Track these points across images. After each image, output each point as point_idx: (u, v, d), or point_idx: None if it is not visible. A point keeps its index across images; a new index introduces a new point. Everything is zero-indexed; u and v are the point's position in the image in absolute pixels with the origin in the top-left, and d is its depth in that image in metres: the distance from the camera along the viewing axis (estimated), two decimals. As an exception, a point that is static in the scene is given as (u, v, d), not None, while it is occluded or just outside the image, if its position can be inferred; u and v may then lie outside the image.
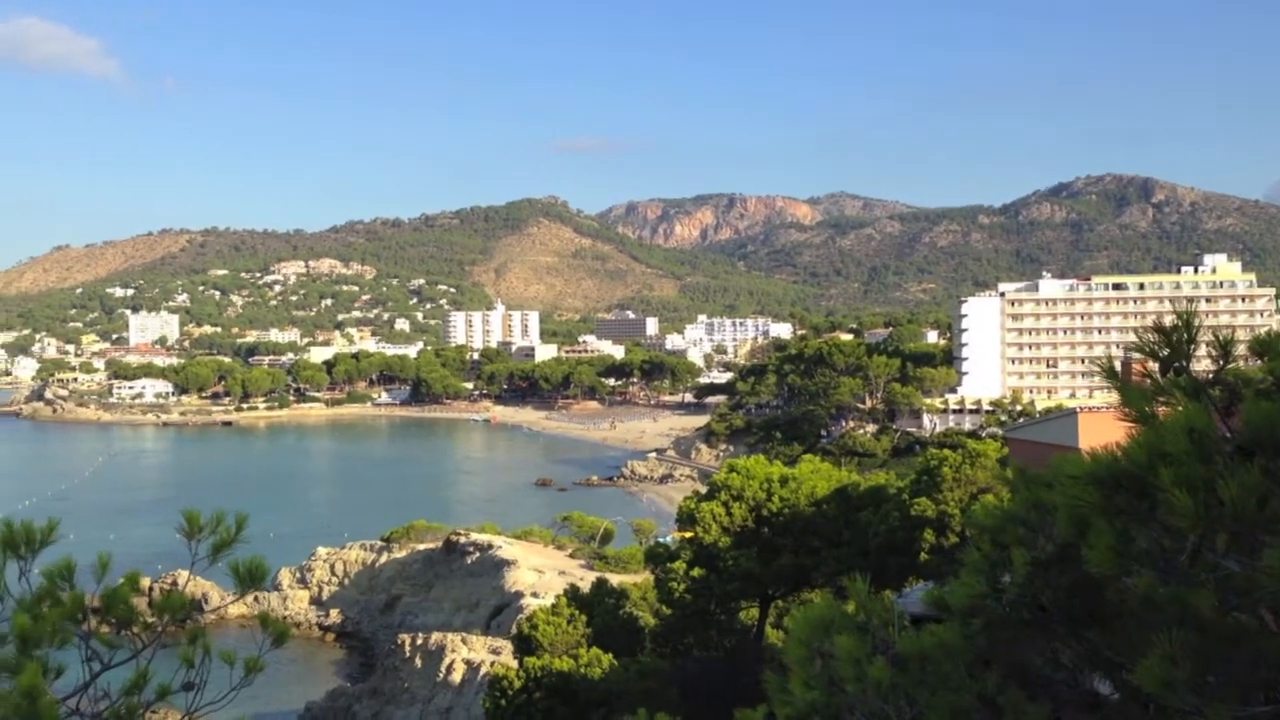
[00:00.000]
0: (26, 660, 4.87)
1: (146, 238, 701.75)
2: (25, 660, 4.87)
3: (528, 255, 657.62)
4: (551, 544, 75.62)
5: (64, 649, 5.21)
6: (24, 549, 5.25)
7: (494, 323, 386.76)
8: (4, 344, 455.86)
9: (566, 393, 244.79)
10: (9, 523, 5.13)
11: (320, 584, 76.27)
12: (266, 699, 47.17)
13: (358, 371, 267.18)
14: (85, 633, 5.30)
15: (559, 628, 31.03)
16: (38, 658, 4.95)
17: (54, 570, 5.35)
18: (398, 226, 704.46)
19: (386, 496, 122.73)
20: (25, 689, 4.59)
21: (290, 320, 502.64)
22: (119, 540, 77.94)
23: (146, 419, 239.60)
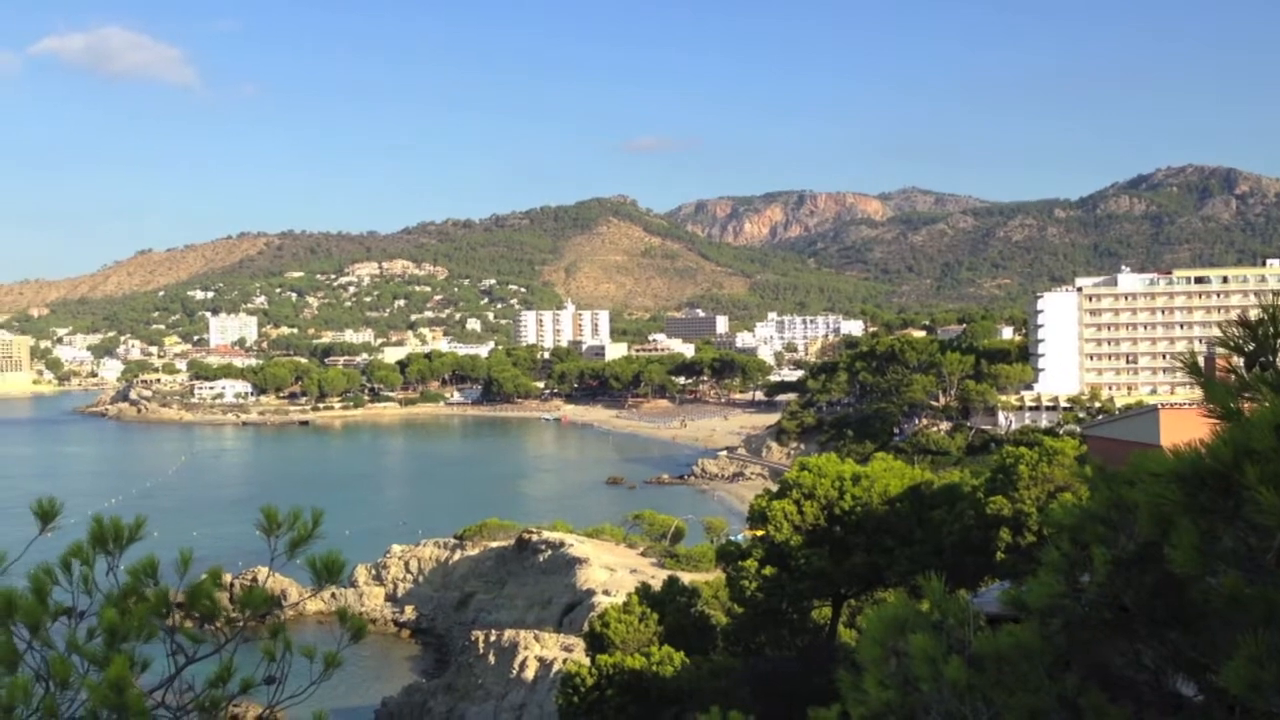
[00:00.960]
0: (114, 653, 5.00)
1: (226, 241, 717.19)
2: (113, 653, 4.99)
3: (597, 254, 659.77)
4: (623, 542, 75.80)
5: (150, 643, 5.33)
6: (112, 545, 5.39)
7: (564, 322, 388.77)
8: (91, 346, 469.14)
9: (637, 391, 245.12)
10: (99, 519, 5.27)
11: (395, 581, 77.29)
12: (344, 694, 47.97)
13: (430, 371, 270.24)
14: (170, 627, 5.42)
15: (631, 626, 31.09)
16: (125, 651, 5.07)
17: (140, 566, 5.48)
18: (469, 227, 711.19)
19: (459, 495, 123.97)
20: (113, 681, 4.71)
21: (364, 321, 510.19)
22: (201, 537, 79.63)
23: (226, 419, 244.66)
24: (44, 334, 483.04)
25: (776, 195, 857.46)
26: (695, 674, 26.41)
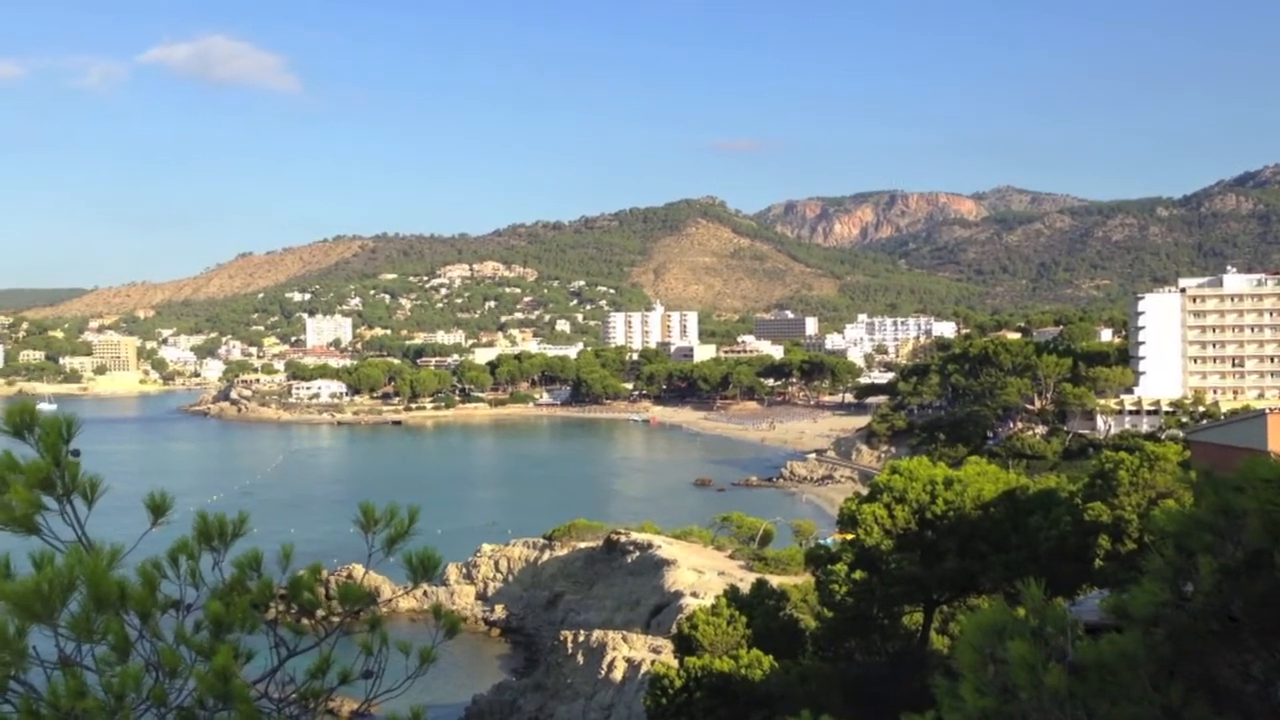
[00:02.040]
0: (220, 644, 5.14)
1: (322, 244, 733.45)
2: (218, 644, 5.13)
3: (686, 256, 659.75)
4: (711, 544, 75.63)
5: (253, 635, 5.47)
6: (217, 540, 5.54)
7: (653, 323, 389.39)
8: (194, 347, 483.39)
9: (725, 393, 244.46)
10: (204, 515, 5.42)
11: (485, 580, 78.18)
12: (436, 690, 48.66)
13: (520, 372, 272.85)
14: (272, 620, 5.55)
15: (719, 628, 31.02)
16: (229, 642, 5.21)
17: (243, 560, 5.61)
18: (558, 229, 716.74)
19: (548, 495, 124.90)
20: (219, 671, 4.85)
21: (455, 322, 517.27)
22: (298, 533, 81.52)
23: (322, 418, 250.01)
24: (150, 335, 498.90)
25: (867, 195, 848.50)
26: (784, 678, 26.24)
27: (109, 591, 4.66)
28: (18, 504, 4.77)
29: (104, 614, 4.69)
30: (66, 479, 4.92)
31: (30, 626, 4.61)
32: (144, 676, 4.84)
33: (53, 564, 4.81)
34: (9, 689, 4.71)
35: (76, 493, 4.97)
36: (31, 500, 4.80)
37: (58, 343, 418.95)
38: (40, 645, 4.77)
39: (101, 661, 4.88)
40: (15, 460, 4.85)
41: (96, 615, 4.66)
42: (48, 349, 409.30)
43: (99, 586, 4.63)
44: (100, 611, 4.67)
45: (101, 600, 4.64)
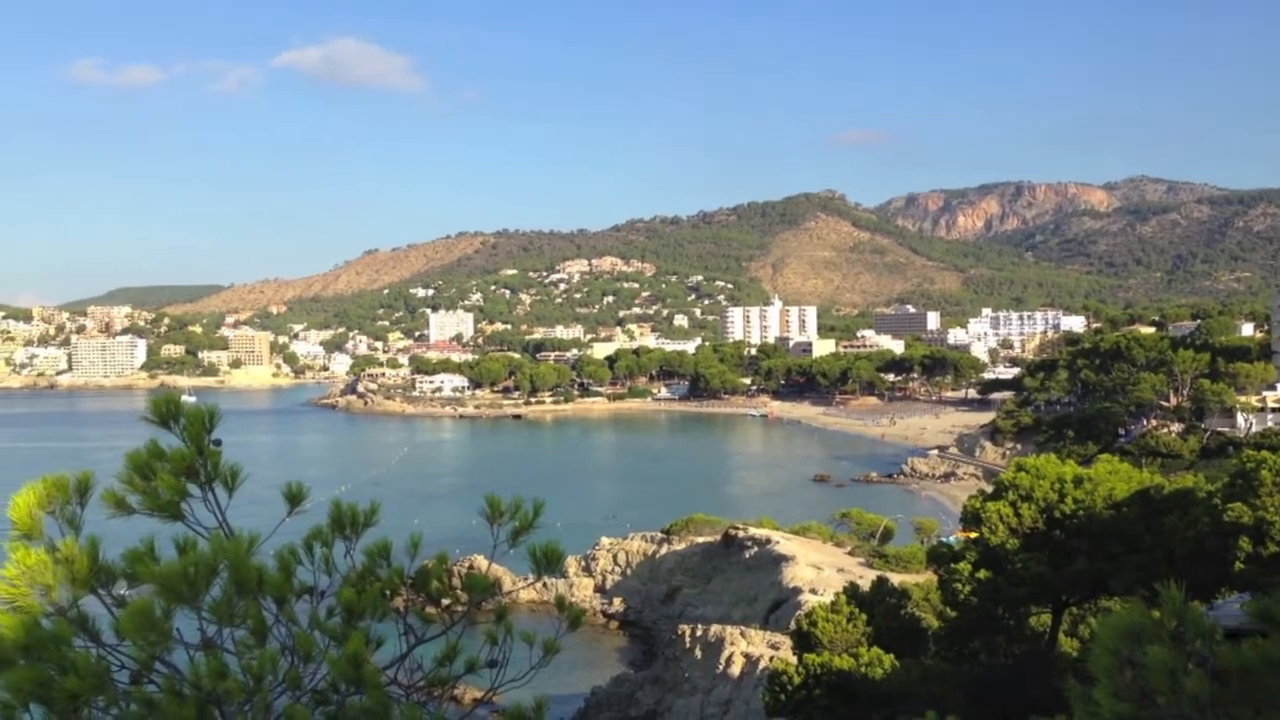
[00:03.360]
0: (352, 630, 5.28)
1: (445, 241, 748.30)
2: (351, 630, 5.27)
3: (805, 250, 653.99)
4: (830, 540, 74.89)
5: (383, 622, 5.61)
6: (349, 529, 5.69)
7: (771, 318, 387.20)
8: (323, 341, 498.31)
9: (844, 388, 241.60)
10: (338, 504, 5.58)
11: (604, 573, 78.76)
12: (556, 681, 49.24)
13: (638, 367, 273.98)
14: (402, 608, 5.68)
15: (838, 625, 30.69)
16: (361, 629, 5.35)
17: (374, 549, 5.76)
18: (676, 224, 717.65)
19: (665, 489, 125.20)
20: (351, 656, 4.98)
21: (574, 317, 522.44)
22: (422, 524, 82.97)
23: (445, 411, 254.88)
24: (282, 330, 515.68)
25: (992, 187, 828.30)
26: (906, 677, 25.84)
27: (249, 577, 4.83)
28: (164, 491, 4.97)
29: (244, 598, 4.86)
30: (209, 467, 5.11)
31: (175, 609, 4.80)
32: (280, 660, 5.01)
33: (196, 549, 5.00)
34: (154, 669, 4.92)
35: (218, 481, 5.16)
36: (177, 487, 5.00)
37: (196, 338, 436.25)
38: (183, 627, 4.97)
39: (241, 645, 5.05)
40: (161, 449, 5.06)
41: (237, 600, 4.83)
42: (187, 344, 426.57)
43: (240, 572, 4.80)
44: (240, 596, 4.84)
45: (242, 585, 4.81)
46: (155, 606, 4.71)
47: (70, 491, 5.05)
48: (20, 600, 4.82)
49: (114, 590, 5.04)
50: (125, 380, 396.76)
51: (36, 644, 4.64)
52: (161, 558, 5.08)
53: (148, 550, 5.04)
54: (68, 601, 4.89)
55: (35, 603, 4.84)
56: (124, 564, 5.02)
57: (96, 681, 4.66)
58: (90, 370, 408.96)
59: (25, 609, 4.82)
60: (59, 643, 4.69)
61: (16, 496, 4.95)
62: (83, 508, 5.11)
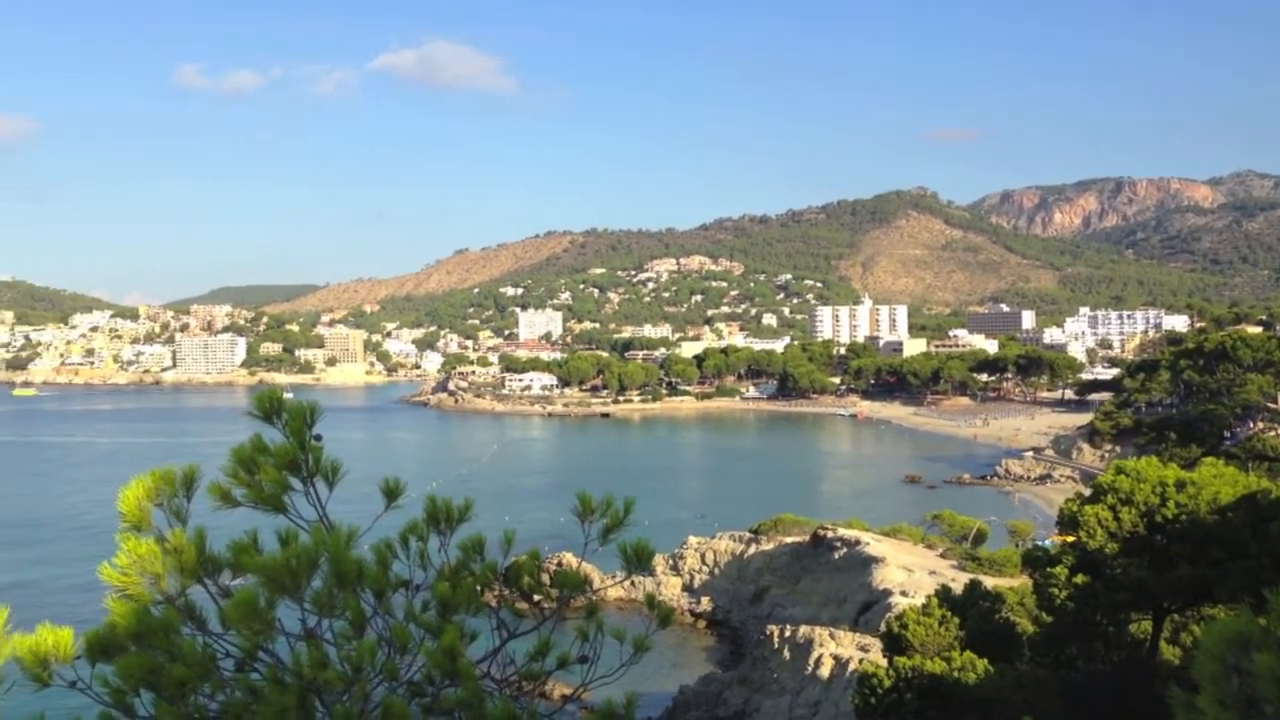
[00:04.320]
0: (447, 624, 5.35)
1: (535, 240, 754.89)
2: (446, 624, 5.35)
3: (895, 248, 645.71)
4: (921, 542, 73.85)
5: (476, 617, 5.67)
6: (444, 524, 5.77)
7: (861, 317, 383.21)
8: (414, 340, 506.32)
9: (936, 388, 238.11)
10: (433, 499, 5.66)
11: (691, 572, 78.70)
12: (645, 679, 49.40)
13: (726, 366, 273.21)
14: (495, 603, 5.74)
15: (930, 628, 30.25)
16: (455, 622, 5.42)
17: (468, 544, 5.83)
18: (765, 223, 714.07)
19: (754, 489, 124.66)
20: (446, 649, 5.05)
21: (662, 316, 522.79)
22: (511, 521, 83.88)
23: (534, 410, 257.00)
24: (375, 329, 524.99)
25: (1090, 183, 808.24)
26: (999, 682, 25.37)
27: (348, 569, 4.93)
28: (268, 484, 5.10)
29: (343, 591, 4.96)
30: (310, 462, 5.23)
31: (278, 599, 4.93)
32: (378, 651, 5.10)
33: (297, 542, 5.12)
34: (258, 657, 5.05)
35: (319, 475, 5.28)
36: (280, 481, 5.12)
37: (293, 336, 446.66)
38: (285, 618, 5.09)
39: (340, 636, 5.16)
40: (265, 444, 5.19)
41: (337, 591, 4.93)
42: (285, 342, 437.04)
43: (340, 564, 4.90)
44: (340, 588, 4.94)
45: (342, 577, 4.91)
46: (259, 597, 4.84)
47: (177, 484, 5.20)
48: (131, 588, 4.99)
49: (219, 580, 5.19)
50: (226, 377, 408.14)
51: (147, 631, 4.80)
52: (264, 549, 5.22)
53: (251, 542, 5.17)
54: (176, 590, 5.05)
55: (145, 591, 5.01)
56: (229, 555, 5.17)
57: (203, 669, 4.80)
58: (193, 367, 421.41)
59: (136, 597, 4.99)
60: (168, 630, 4.85)
61: (126, 489, 5.12)
62: (189, 500, 5.26)
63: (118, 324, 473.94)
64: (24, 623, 5.44)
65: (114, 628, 4.90)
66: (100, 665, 4.99)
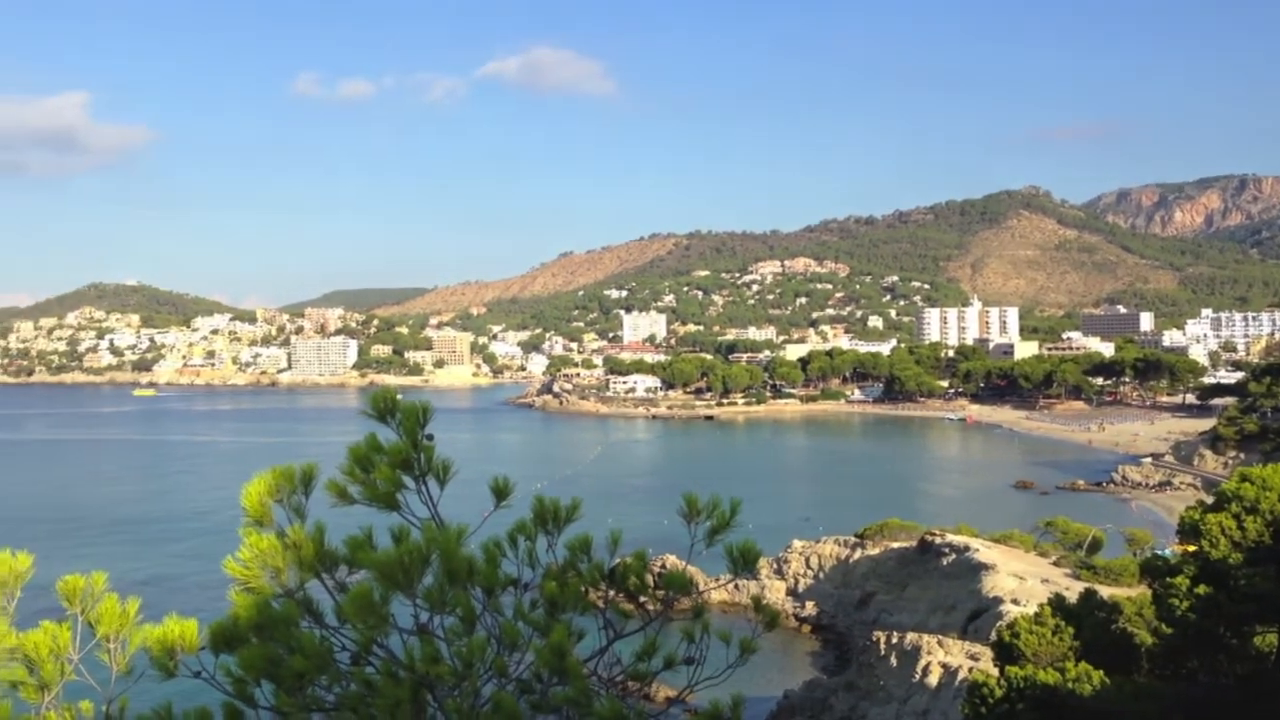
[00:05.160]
0: (555, 622, 5.42)
1: (638, 242, 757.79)
2: (554, 622, 5.41)
3: (1006, 249, 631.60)
4: (1033, 550, 72.13)
5: (583, 616, 5.72)
6: (551, 524, 5.84)
7: (970, 319, 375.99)
8: (520, 342, 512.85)
9: (1048, 392, 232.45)
10: (541, 499, 5.73)
11: (796, 576, 78.15)
12: (749, 682, 49.01)
13: (831, 368, 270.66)
14: (602, 603, 5.79)
15: (1043, 638, 29.52)
16: (563, 621, 5.48)
17: (575, 544, 5.89)
18: (871, 224, 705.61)
19: (859, 493, 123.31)
20: (555, 647, 5.11)
21: (767, 318, 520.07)
22: (615, 522, 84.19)
23: (638, 412, 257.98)
24: (481, 331, 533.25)
25: (1213, 180, 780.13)
26: (1117, 695, 24.61)
27: (459, 567, 5.02)
28: (382, 482, 5.22)
29: (454, 587, 5.05)
30: (423, 461, 5.34)
31: (392, 595, 5.04)
32: (488, 648, 5.19)
33: (410, 539, 5.23)
34: (372, 651, 5.17)
35: (431, 474, 5.39)
36: (393, 479, 5.25)
37: (403, 338, 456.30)
38: (398, 613, 5.21)
39: (450, 632, 5.25)
40: (380, 443, 5.32)
41: (448, 588, 5.03)
42: (394, 344, 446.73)
43: (451, 562, 4.99)
44: (451, 585, 5.03)
45: (453, 575, 5.00)
46: (374, 592, 4.96)
47: (297, 482, 5.36)
48: (252, 582, 5.16)
49: (336, 575, 5.33)
50: (338, 379, 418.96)
51: (268, 624, 4.96)
52: (378, 546, 5.35)
53: (367, 538, 5.30)
54: (295, 584, 5.21)
55: (266, 585, 5.17)
56: (345, 551, 5.31)
57: (321, 661, 4.94)
58: (307, 369, 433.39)
59: (257, 590, 5.16)
60: (288, 623, 5.00)
61: (249, 486, 5.30)
62: (308, 497, 5.42)
63: (236, 327, 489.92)
64: (152, 614, 5.67)
65: (236, 620, 5.07)
66: (223, 656, 5.18)
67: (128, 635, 5.48)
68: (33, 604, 5.76)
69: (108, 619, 5.43)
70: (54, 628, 5.37)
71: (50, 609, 5.54)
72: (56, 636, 5.31)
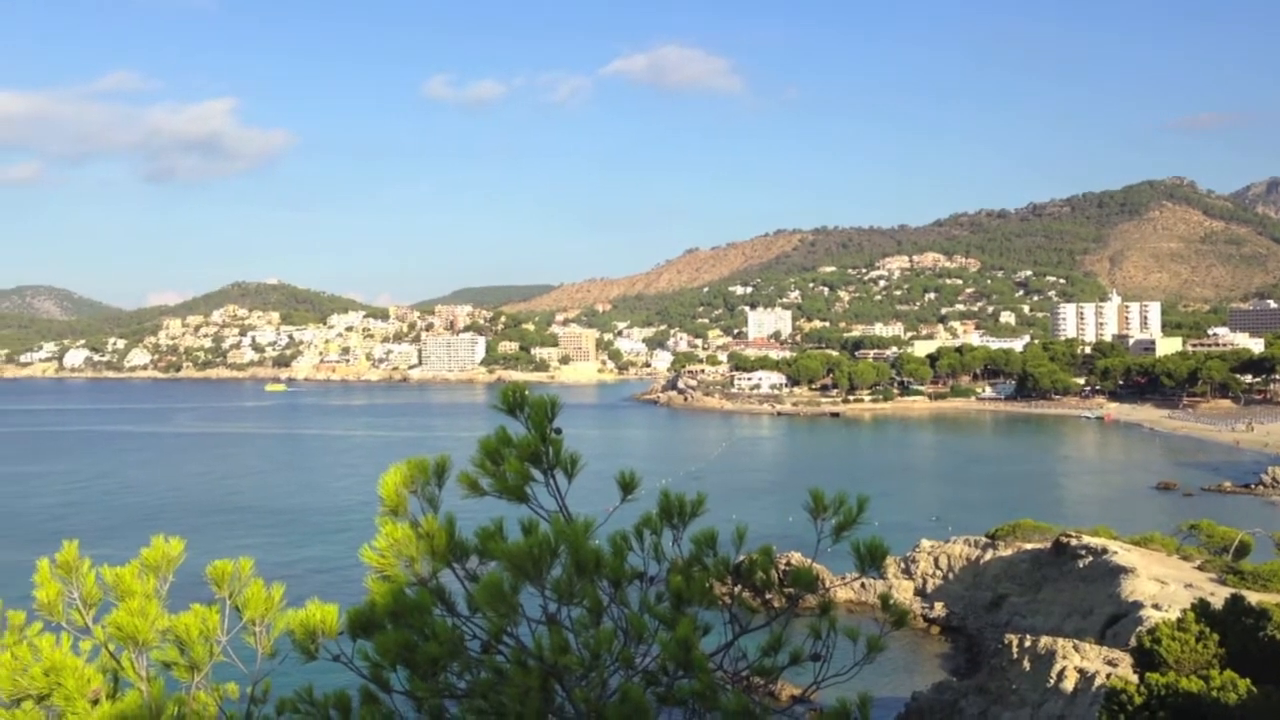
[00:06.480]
0: (680, 615, 5.45)
1: (764, 239, 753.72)
2: (679, 615, 5.44)
3: (1147, 242, 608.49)
4: (1175, 553, 69.39)
5: (709, 610, 5.74)
6: (676, 518, 5.87)
7: (1108, 314, 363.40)
8: (645, 339, 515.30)
9: (1192, 390, 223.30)
10: (666, 494, 5.77)
11: (924, 576, 76.78)
12: (876, 682, 48.54)
13: (961, 365, 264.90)
14: (728, 598, 5.80)
15: (1186, 644, 28.42)
16: (689, 615, 5.51)
17: (701, 538, 5.91)
18: (1003, 217, 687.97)
19: (990, 492, 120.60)
20: (681, 640, 5.14)
21: (894, 314, 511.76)
22: (739, 518, 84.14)
23: (762, 408, 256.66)
24: (607, 328, 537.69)
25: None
26: (1265, 705, 23.56)
27: (587, 559, 5.09)
28: (511, 475, 5.33)
29: (582, 579, 5.13)
30: (551, 454, 5.43)
31: (521, 585, 5.15)
32: (615, 639, 5.25)
33: (539, 531, 5.33)
34: (502, 640, 5.28)
35: (559, 467, 5.48)
36: (523, 472, 5.35)
37: (529, 335, 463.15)
38: (526, 603, 5.31)
39: (578, 623, 5.33)
40: (510, 436, 5.43)
41: (576, 580, 5.11)
42: (521, 341, 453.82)
43: (579, 554, 5.07)
44: (579, 577, 5.11)
45: (581, 566, 5.08)
46: (504, 582, 5.07)
47: (430, 473, 5.51)
48: (388, 570, 5.33)
49: (467, 565, 5.47)
50: (467, 375, 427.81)
51: (403, 611, 5.12)
52: (508, 537, 5.46)
53: (497, 529, 5.42)
54: (428, 573, 5.36)
55: (401, 573, 5.34)
56: (476, 541, 5.44)
57: (453, 648, 5.08)
58: (437, 365, 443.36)
59: (392, 578, 5.32)
60: (422, 611, 5.15)
61: (385, 476, 5.47)
62: (440, 488, 5.57)
63: (370, 324, 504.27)
64: (293, 600, 5.90)
65: (373, 606, 5.24)
66: (361, 641, 5.36)
67: (272, 619, 5.71)
68: (183, 588, 6.06)
69: (254, 603, 5.67)
70: (203, 610, 5.62)
71: (200, 592, 5.81)
72: (206, 619, 5.56)
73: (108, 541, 37.32)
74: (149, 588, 5.65)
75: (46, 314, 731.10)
